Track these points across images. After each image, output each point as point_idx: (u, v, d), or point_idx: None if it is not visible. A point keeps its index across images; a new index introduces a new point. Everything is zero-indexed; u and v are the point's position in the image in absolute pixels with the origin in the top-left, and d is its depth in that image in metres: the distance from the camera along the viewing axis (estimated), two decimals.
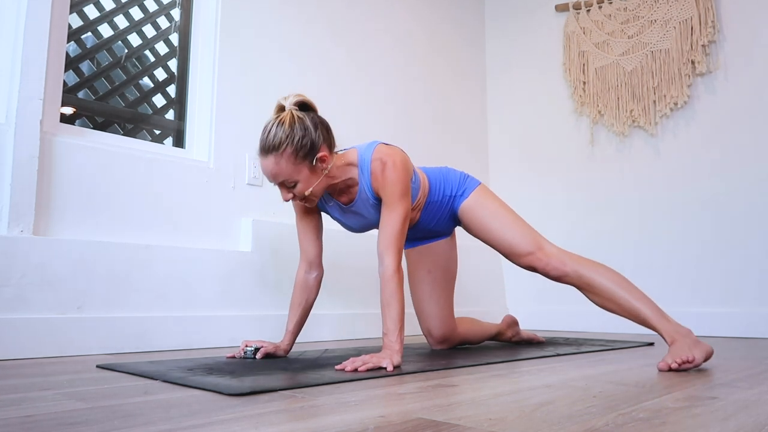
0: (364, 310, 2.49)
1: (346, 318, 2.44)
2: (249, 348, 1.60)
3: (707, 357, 1.41)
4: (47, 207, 1.78)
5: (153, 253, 1.93)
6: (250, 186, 2.30)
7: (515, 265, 1.78)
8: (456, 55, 3.42)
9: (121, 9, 2.19)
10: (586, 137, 3.19)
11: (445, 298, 1.93)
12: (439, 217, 1.84)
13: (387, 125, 2.91)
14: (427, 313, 1.92)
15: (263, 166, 1.50)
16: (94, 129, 2.05)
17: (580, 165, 3.20)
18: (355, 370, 1.30)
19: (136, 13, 2.24)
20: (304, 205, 1.63)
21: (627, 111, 3.03)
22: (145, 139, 2.19)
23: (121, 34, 2.19)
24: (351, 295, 2.50)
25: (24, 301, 1.64)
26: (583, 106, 3.19)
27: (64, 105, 1.97)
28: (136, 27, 2.23)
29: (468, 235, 1.90)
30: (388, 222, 1.53)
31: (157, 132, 2.25)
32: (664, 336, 1.48)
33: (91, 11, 2.12)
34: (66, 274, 1.73)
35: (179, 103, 2.29)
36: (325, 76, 2.66)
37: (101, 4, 2.14)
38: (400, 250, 1.51)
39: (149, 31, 2.26)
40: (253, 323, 2.12)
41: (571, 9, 3.28)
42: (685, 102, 2.87)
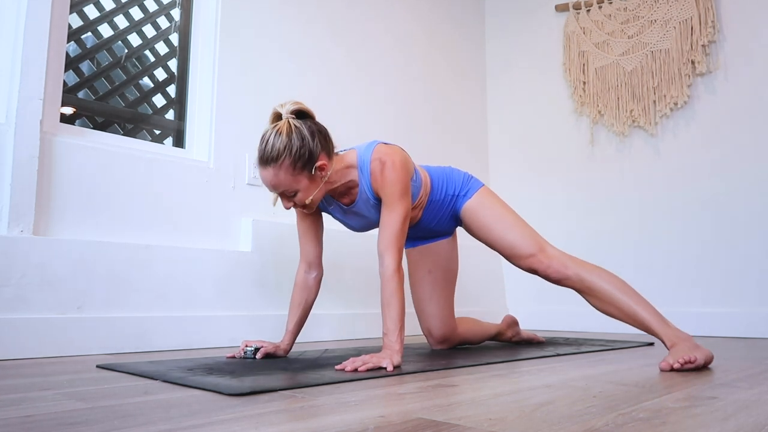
0: (364, 310, 2.49)
1: (346, 318, 2.44)
2: (249, 348, 1.60)
3: (707, 361, 1.41)
4: (47, 207, 1.78)
5: (153, 253, 1.93)
6: (250, 186, 2.30)
7: (516, 267, 1.78)
8: (456, 55, 3.42)
9: (121, 9, 2.19)
10: (586, 137, 3.19)
11: (446, 298, 1.93)
12: (440, 217, 1.84)
13: (387, 125, 2.91)
14: (428, 313, 1.92)
15: (262, 177, 1.49)
16: (94, 129, 2.05)
17: (580, 165, 3.20)
18: (355, 370, 1.30)
19: (136, 13, 2.24)
20: (305, 211, 1.63)
21: (627, 111, 3.03)
22: (145, 139, 2.19)
23: (121, 34, 2.19)
24: (351, 295, 2.50)
25: (24, 301, 1.64)
26: (583, 106, 3.19)
27: (64, 105, 1.97)
28: (136, 27, 2.23)
29: (469, 235, 1.90)
30: (388, 222, 1.52)
31: (157, 132, 2.25)
32: (664, 341, 1.48)
33: (91, 11, 2.12)
34: (66, 274, 1.73)
35: (179, 103, 2.29)
36: (325, 76, 2.66)
37: (101, 4, 2.14)
38: (400, 250, 1.51)
39: (149, 31, 2.26)
40: (253, 323, 2.12)
41: (571, 9, 3.28)
42: (685, 102, 2.87)
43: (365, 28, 2.89)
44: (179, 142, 2.27)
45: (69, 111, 2.02)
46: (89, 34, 2.12)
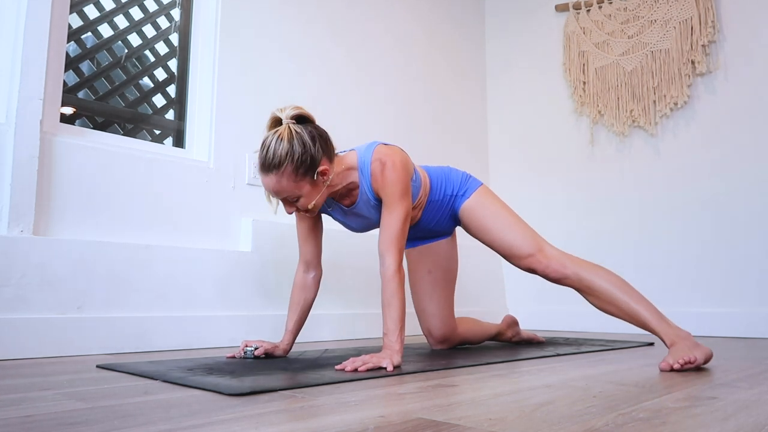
0: (364, 310, 2.49)
1: (346, 318, 2.44)
2: (249, 348, 1.60)
3: (707, 359, 1.42)
4: (47, 207, 1.78)
5: (153, 253, 1.93)
6: (250, 186, 2.30)
7: (515, 267, 1.78)
8: (456, 55, 3.42)
9: (121, 9, 2.19)
10: (586, 137, 3.19)
11: (446, 298, 1.93)
12: (439, 217, 1.84)
13: (387, 125, 2.91)
14: (428, 313, 1.92)
15: (264, 183, 1.48)
16: (94, 129, 2.05)
17: (580, 165, 3.20)
18: (355, 370, 1.30)
19: (136, 13, 2.24)
20: (307, 215, 1.63)
21: (627, 111, 3.03)
22: (145, 139, 2.19)
23: (121, 34, 2.19)
24: (351, 295, 2.50)
25: (24, 301, 1.64)
26: (583, 106, 3.19)
27: (64, 105, 1.97)
28: (136, 27, 2.23)
29: (469, 235, 1.90)
30: (389, 222, 1.53)
31: (157, 132, 2.25)
32: (663, 339, 1.49)
33: (91, 11, 2.12)
34: (66, 274, 1.73)
35: (179, 103, 2.29)
36: (325, 76, 2.66)
37: (101, 4, 2.14)
38: (401, 250, 1.51)
39: (149, 31, 2.26)
40: (253, 323, 2.12)
41: (571, 9, 3.28)
42: (685, 102, 2.87)
43: (365, 28, 2.89)
44: (179, 142, 2.27)
45: (69, 111, 2.02)
46: (89, 34, 2.12)
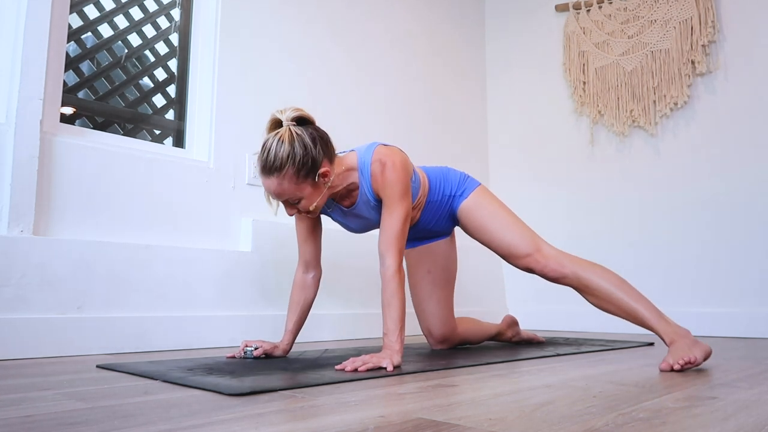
0: (364, 310, 2.49)
1: (346, 318, 2.44)
2: (249, 348, 1.60)
3: (706, 356, 1.42)
4: (47, 207, 1.78)
5: (153, 253, 1.93)
6: (250, 186, 2.30)
7: (514, 267, 1.78)
8: (456, 55, 3.42)
9: (121, 9, 2.19)
10: (586, 137, 3.19)
11: (445, 298, 1.93)
12: (438, 217, 1.84)
13: (387, 125, 2.91)
14: (427, 313, 1.92)
15: (265, 186, 1.48)
16: (94, 129, 2.05)
17: (580, 165, 3.20)
18: (355, 370, 1.30)
19: (136, 13, 2.24)
20: (308, 216, 1.63)
21: (627, 111, 3.03)
22: (145, 139, 2.19)
23: (121, 34, 2.19)
24: (351, 295, 2.50)
25: (24, 301, 1.64)
26: (583, 106, 3.19)
27: (64, 105, 1.97)
28: (136, 27, 2.23)
29: (468, 235, 1.90)
30: (389, 222, 1.53)
31: (157, 132, 2.25)
32: (662, 337, 1.49)
33: (91, 11, 2.12)
34: (66, 274, 1.73)
35: (179, 103, 2.29)
36: (325, 76, 2.66)
37: (101, 4, 2.14)
38: (401, 251, 1.51)
39: (149, 31, 2.26)
40: (253, 323, 2.12)
41: (571, 9, 3.28)
42: (685, 102, 2.87)
43: (365, 28, 2.89)
44: (179, 142, 2.27)
45: (69, 111, 2.02)
46: (89, 34, 2.12)
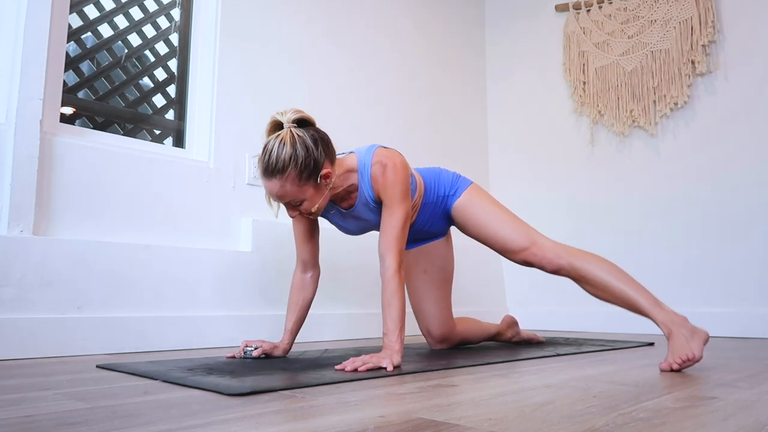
0: (364, 310, 2.49)
1: (346, 318, 2.44)
2: (249, 348, 1.60)
3: (705, 342, 1.42)
4: (47, 207, 1.78)
5: (153, 253, 1.93)
6: (250, 186, 2.30)
7: (511, 261, 1.78)
8: (456, 56, 3.42)
9: (121, 9, 2.19)
10: (586, 137, 3.19)
11: (443, 298, 1.93)
12: (434, 218, 1.85)
13: (387, 125, 2.91)
14: (426, 313, 1.92)
15: (267, 188, 1.47)
16: (94, 129, 2.05)
17: (580, 165, 3.20)
18: (355, 370, 1.30)
19: (136, 13, 2.24)
20: (309, 218, 1.63)
21: (627, 111, 3.03)
22: (145, 139, 2.19)
23: (121, 34, 2.19)
24: (351, 295, 2.49)
25: (24, 301, 1.64)
26: (583, 106, 3.19)
27: (64, 105, 1.97)
28: (136, 27, 2.23)
29: (464, 234, 1.90)
30: (390, 223, 1.53)
31: (157, 132, 2.25)
32: (659, 324, 1.48)
33: (91, 11, 2.12)
34: (66, 274, 1.73)
35: (179, 103, 2.29)
36: (325, 76, 2.66)
37: (101, 4, 2.14)
38: (401, 251, 1.52)
39: (149, 31, 2.26)
40: (252, 323, 2.12)
41: (571, 9, 3.28)
42: (685, 102, 2.87)
43: (365, 28, 2.89)
44: (179, 142, 2.27)
45: (69, 111, 2.02)
46: (89, 34, 2.12)
